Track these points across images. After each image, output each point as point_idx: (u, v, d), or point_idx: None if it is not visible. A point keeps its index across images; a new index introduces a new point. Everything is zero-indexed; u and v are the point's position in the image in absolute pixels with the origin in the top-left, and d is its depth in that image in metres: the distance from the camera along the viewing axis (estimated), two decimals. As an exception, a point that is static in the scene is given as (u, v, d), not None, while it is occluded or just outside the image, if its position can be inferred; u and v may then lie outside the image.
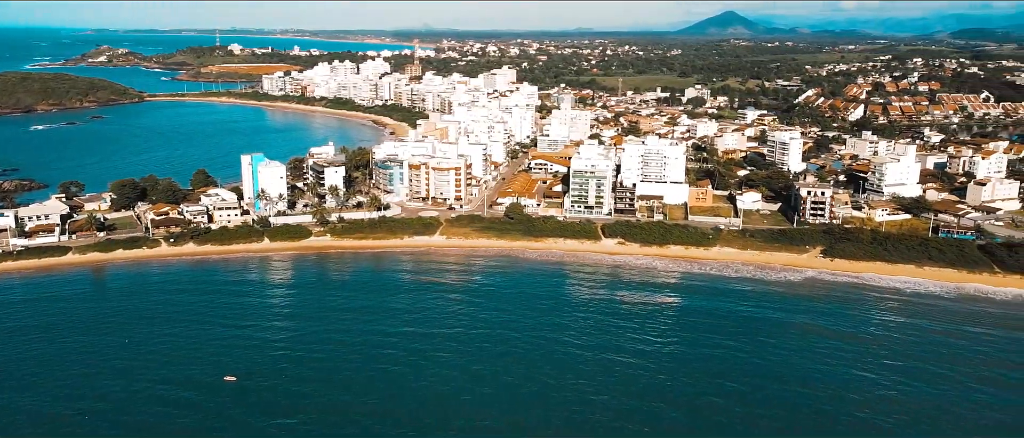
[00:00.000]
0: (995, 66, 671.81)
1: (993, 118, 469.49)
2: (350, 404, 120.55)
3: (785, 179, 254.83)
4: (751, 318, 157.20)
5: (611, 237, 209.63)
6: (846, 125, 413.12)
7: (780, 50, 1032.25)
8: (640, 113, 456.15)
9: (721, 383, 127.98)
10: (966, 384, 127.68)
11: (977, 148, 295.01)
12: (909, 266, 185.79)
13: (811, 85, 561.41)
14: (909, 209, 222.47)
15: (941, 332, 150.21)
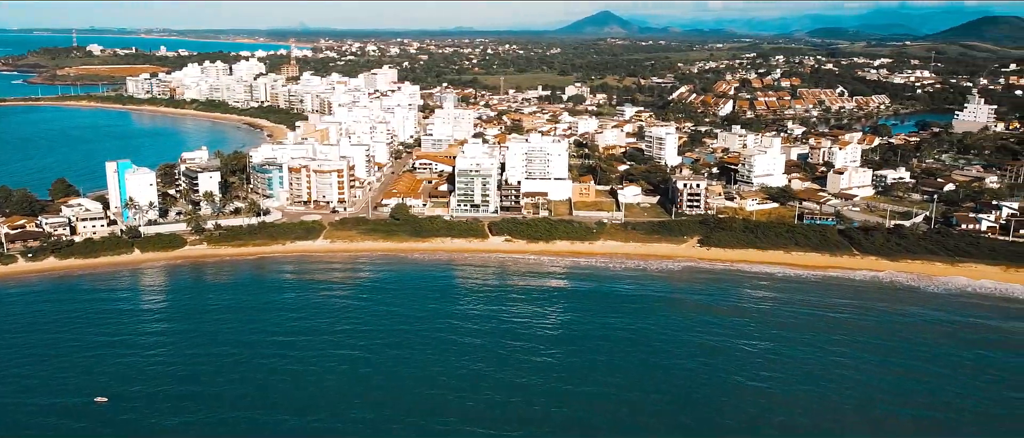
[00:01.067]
0: (848, 63, 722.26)
1: (848, 111, 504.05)
2: (238, 420, 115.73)
3: (663, 173, 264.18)
4: (637, 307, 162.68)
5: (498, 235, 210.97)
6: (717, 120, 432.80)
7: (654, 49, 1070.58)
8: (523, 111, 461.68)
9: (611, 360, 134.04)
10: (827, 348, 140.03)
11: (835, 139, 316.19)
12: (778, 252, 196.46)
13: (684, 82, 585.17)
14: (776, 198, 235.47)
15: (807, 308, 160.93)
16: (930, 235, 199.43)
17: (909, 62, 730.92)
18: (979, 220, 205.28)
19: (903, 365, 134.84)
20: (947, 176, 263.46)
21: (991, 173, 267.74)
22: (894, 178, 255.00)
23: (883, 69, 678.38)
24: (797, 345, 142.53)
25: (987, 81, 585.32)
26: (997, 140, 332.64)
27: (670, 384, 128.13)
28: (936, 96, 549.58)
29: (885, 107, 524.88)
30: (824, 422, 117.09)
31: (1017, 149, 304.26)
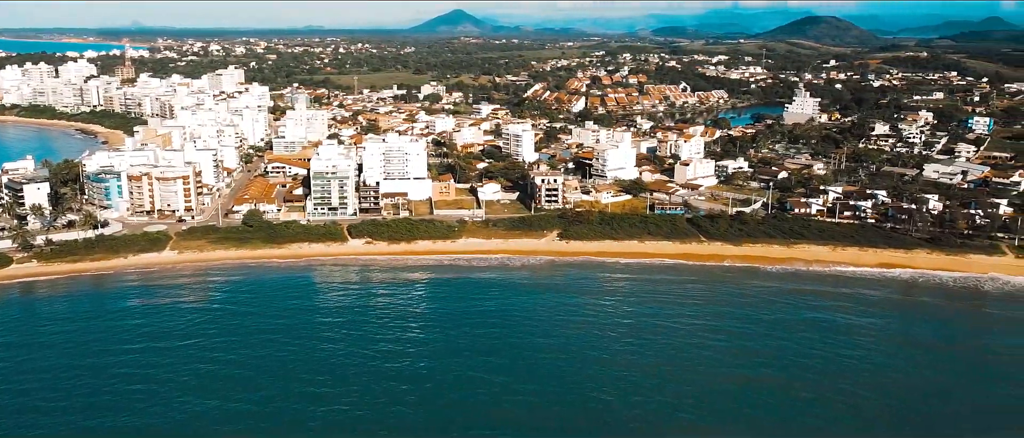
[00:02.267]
0: (689, 60, 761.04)
1: (691, 106, 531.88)
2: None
3: (521, 169, 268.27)
4: (501, 299, 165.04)
5: (358, 237, 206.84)
6: (571, 116, 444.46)
7: (507, 47, 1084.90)
8: (378, 111, 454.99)
9: (486, 360, 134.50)
10: (680, 324, 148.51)
11: (680, 133, 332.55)
12: (633, 242, 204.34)
13: (537, 80, 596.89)
14: (629, 190, 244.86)
15: (660, 290, 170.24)
16: (768, 220, 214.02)
17: (743, 59, 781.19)
18: (809, 204, 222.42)
19: (749, 331, 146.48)
20: (780, 165, 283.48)
21: (818, 161, 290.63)
22: (734, 168, 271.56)
23: (721, 66, 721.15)
24: (652, 322, 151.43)
25: (811, 76, 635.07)
26: (822, 130, 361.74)
27: (537, 367, 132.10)
28: (768, 90, 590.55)
29: (724, 101, 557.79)
30: (680, 387, 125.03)
31: (839, 138, 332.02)
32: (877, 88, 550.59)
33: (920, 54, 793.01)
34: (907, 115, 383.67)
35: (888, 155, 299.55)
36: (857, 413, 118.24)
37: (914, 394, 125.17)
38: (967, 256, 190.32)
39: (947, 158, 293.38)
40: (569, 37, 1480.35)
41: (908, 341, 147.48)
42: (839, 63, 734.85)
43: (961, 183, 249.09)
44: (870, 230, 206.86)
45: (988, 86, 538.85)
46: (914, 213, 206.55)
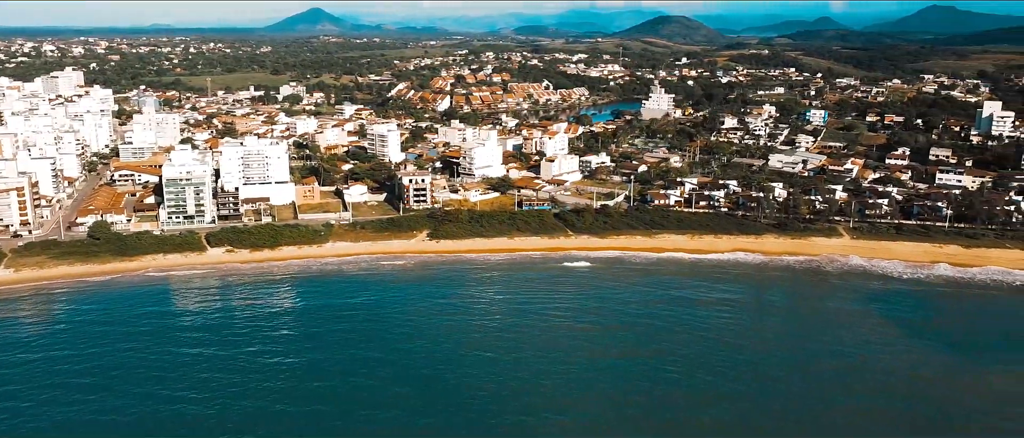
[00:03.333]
0: (550, 58, 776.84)
1: (554, 103, 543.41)
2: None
3: (388, 170, 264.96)
4: (373, 302, 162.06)
5: (218, 245, 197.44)
6: (437, 115, 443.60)
7: (369, 46, 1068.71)
8: (235, 113, 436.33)
9: (362, 366, 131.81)
10: (553, 310, 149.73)
11: (545, 130, 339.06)
12: (502, 238, 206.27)
13: (401, 79, 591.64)
14: (497, 188, 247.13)
15: (531, 284, 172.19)
16: (631, 212, 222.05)
17: (602, 57, 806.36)
18: (668, 196, 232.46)
19: (617, 313, 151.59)
20: (640, 159, 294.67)
21: (674, 154, 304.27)
22: (598, 163, 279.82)
23: (581, 64, 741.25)
24: (525, 311, 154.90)
25: (665, 73, 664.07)
26: (677, 125, 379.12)
27: (411, 363, 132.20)
28: (626, 87, 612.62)
29: (585, 98, 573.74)
30: (550, 366, 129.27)
31: (693, 132, 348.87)
32: (725, 84, 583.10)
33: (762, 52, 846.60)
34: (753, 109, 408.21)
35: (737, 147, 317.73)
36: (721, 372, 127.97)
37: (771, 351, 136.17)
38: (809, 238, 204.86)
39: (789, 148, 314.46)
40: (432, 36, 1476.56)
41: (762, 308, 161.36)
42: (690, 61, 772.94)
43: (802, 171, 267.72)
44: (724, 218, 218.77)
45: (822, 81, 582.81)
46: (762, 201, 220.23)
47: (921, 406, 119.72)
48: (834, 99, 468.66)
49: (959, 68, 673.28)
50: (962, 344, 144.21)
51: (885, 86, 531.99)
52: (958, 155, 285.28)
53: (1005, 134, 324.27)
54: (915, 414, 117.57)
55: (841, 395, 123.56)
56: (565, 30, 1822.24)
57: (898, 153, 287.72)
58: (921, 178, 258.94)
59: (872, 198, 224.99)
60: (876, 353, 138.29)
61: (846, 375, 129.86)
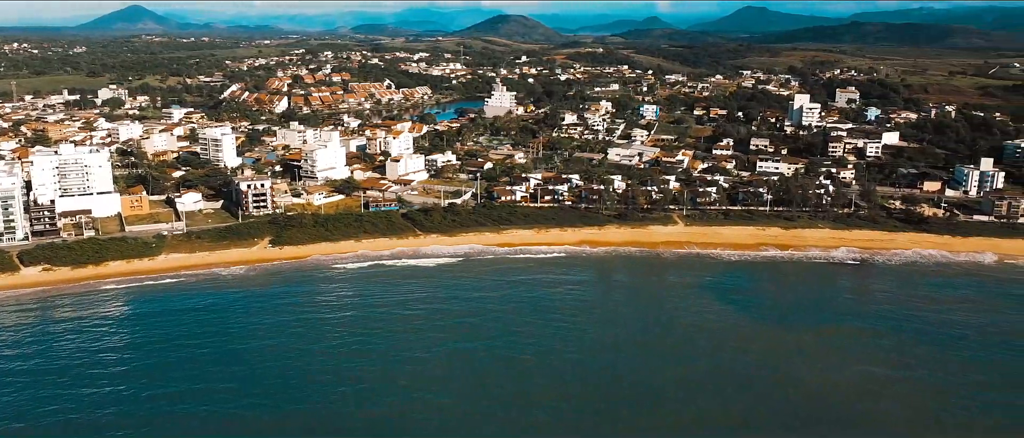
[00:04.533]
0: (392, 57, 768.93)
1: (397, 103, 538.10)
2: None
3: (224, 175, 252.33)
4: (214, 314, 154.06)
5: (33, 265, 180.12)
6: (274, 117, 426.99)
7: (197, 46, 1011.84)
8: (47, 119, 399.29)
9: (197, 369, 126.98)
10: (404, 310, 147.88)
11: (388, 130, 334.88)
12: (350, 241, 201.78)
13: (234, 80, 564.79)
14: (342, 190, 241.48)
15: (381, 286, 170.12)
16: (478, 209, 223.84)
17: (444, 55, 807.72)
18: (514, 192, 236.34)
19: (467, 310, 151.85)
20: (485, 156, 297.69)
21: (519, 150, 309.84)
22: (444, 161, 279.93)
23: (422, 63, 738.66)
24: (376, 313, 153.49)
25: (507, 71, 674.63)
26: (520, 122, 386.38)
27: (261, 372, 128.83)
28: (469, 85, 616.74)
29: (428, 97, 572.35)
30: (402, 366, 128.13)
31: (535, 129, 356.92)
32: (564, 81, 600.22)
33: (597, 50, 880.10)
34: (591, 105, 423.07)
35: (578, 142, 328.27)
36: (571, 352, 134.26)
37: (615, 331, 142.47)
38: (648, 227, 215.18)
39: (626, 142, 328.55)
40: (265, 35, 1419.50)
41: (607, 292, 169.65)
42: (530, 59, 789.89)
43: (639, 164, 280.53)
44: (568, 211, 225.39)
45: (653, 77, 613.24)
46: (603, 193, 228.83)
47: (750, 370, 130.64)
48: (665, 94, 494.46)
49: (772, 64, 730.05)
50: (781, 313, 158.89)
51: (709, 82, 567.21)
52: (775, 144, 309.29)
53: (813, 124, 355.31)
54: (742, 375, 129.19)
55: (675, 365, 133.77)
56: (405, 29, 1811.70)
57: (723, 144, 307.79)
58: (744, 167, 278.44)
59: (702, 187, 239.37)
60: (709, 326, 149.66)
61: (682, 347, 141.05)
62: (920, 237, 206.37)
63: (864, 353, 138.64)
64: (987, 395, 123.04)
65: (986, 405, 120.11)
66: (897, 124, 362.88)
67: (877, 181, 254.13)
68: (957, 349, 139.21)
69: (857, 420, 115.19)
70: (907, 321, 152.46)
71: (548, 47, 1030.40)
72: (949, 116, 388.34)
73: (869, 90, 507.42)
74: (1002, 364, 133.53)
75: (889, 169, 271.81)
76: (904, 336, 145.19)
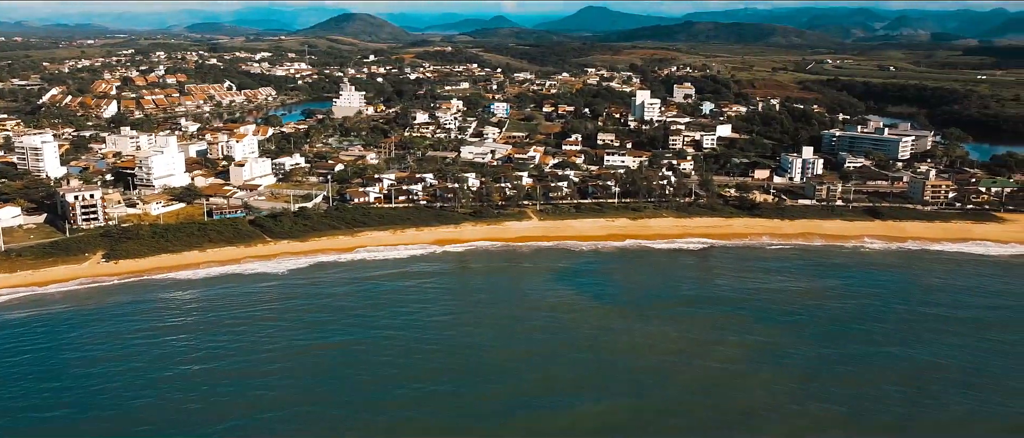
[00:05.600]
0: (231, 58, 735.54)
1: (239, 105, 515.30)
2: None
3: (47, 187, 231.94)
4: (42, 343, 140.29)
5: None
6: (103, 122, 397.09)
7: (9, 46, 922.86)
8: None
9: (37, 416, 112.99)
10: (254, 319, 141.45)
11: (231, 133, 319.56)
12: (193, 252, 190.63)
13: (54, 83, 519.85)
14: (182, 198, 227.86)
15: (229, 297, 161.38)
16: (331, 212, 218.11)
17: (287, 55, 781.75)
18: (367, 193, 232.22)
19: (323, 320, 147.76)
20: (336, 157, 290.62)
21: (370, 151, 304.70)
22: (292, 165, 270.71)
23: (265, 63, 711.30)
24: (224, 327, 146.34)
25: (354, 71, 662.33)
26: (370, 122, 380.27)
27: (100, 402, 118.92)
28: (315, 86, 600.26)
29: (273, 98, 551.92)
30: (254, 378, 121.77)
31: (387, 128, 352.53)
32: (414, 80, 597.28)
33: (446, 49, 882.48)
34: (442, 104, 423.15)
35: (431, 141, 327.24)
36: (431, 350, 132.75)
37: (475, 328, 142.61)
38: (503, 223, 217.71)
39: (478, 140, 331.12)
40: (88, 34, 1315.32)
41: (468, 282, 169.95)
42: (378, 58, 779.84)
43: (491, 161, 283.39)
44: (424, 211, 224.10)
45: (502, 76, 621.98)
46: (458, 191, 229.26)
47: (602, 354, 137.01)
48: (514, 92, 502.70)
49: (615, 62, 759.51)
50: (630, 299, 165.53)
51: (557, 79, 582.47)
52: (620, 139, 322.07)
53: (655, 119, 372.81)
54: (594, 359, 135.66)
55: (539, 354, 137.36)
56: (245, 28, 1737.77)
57: (572, 140, 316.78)
58: (593, 161, 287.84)
59: (554, 182, 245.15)
60: (565, 314, 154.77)
61: (544, 334, 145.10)
62: (754, 222, 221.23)
63: (706, 327, 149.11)
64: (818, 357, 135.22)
65: (815, 362, 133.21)
66: (729, 117, 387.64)
67: (714, 171, 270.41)
68: (794, 323, 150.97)
69: (695, 380, 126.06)
70: (743, 298, 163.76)
71: (396, 46, 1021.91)
72: (774, 109, 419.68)
73: (703, 86, 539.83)
74: (835, 335, 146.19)
75: (724, 159, 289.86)
76: (742, 312, 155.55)
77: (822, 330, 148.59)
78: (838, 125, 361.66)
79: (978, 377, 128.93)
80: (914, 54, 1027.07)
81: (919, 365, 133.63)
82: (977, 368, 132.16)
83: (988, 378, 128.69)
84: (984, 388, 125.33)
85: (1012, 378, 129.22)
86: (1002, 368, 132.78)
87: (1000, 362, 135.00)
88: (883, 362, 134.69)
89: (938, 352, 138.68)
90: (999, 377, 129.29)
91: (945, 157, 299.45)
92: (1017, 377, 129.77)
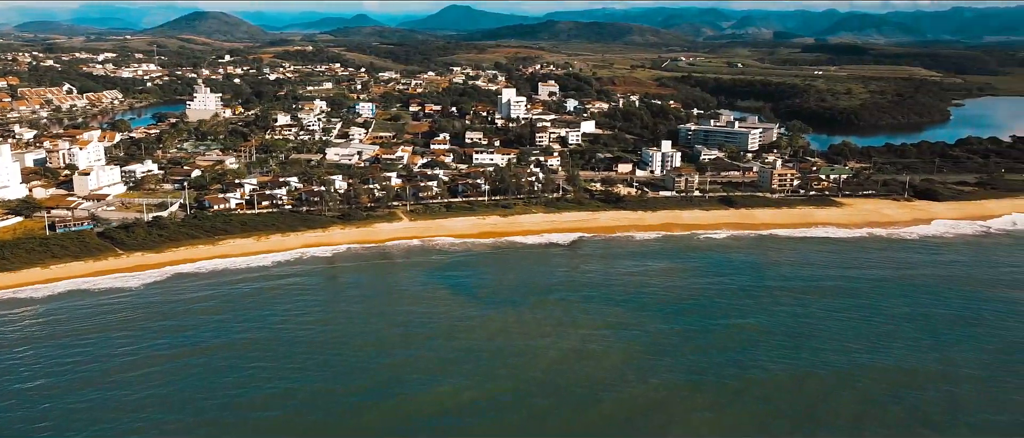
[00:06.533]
0: (70, 59, 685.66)
1: (81, 109, 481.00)
2: None
3: None
4: None
5: None
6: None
7: None
8: None
9: None
10: (109, 342, 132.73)
11: (73, 140, 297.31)
12: (35, 269, 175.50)
13: None
14: (19, 211, 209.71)
15: (77, 318, 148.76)
16: (189, 221, 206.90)
17: (134, 56, 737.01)
18: (228, 199, 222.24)
19: (185, 326, 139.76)
20: (192, 163, 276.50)
21: (229, 155, 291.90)
22: (144, 172, 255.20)
23: (110, 64, 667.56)
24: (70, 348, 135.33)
25: (209, 72, 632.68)
26: (228, 125, 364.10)
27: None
28: (167, 88, 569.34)
29: (119, 102, 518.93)
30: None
31: (246, 131, 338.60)
32: (274, 81, 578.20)
33: (307, 48, 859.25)
34: (304, 105, 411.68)
35: (294, 143, 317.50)
36: (294, 357, 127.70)
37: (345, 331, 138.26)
38: (373, 225, 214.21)
39: (344, 141, 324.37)
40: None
41: (337, 285, 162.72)
42: (234, 58, 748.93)
43: (359, 163, 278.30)
44: (289, 215, 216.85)
45: (366, 75, 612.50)
46: (324, 194, 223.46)
47: (461, 352, 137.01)
48: (379, 92, 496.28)
49: (480, 60, 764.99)
50: (499, 292, 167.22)
51: (422, 78, 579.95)
52: (488, 137, 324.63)
53: (521, 116, 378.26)
54: (463, 345, 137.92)
55: (408, 345, 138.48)
56: (85, 26, 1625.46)
57: (440, 139, 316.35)
58: (462, 160, 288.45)
59: (423, 181, 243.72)
60: (435, 312, 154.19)
61: (415, 329, 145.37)
62: (620, 214, 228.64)
63: (571, 312, 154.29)
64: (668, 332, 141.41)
65: (664, 337, 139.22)
66: (593, 114, 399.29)
67: (580, 166, 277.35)
68: (651, 304, 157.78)
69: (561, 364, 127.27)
70: (607, 285, 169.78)
71: (254, 46, 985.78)
72: (634, 105, 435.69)
73: (566, 83, 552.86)
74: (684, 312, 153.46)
75: (589, 155, 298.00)
76: (605, 297, 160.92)
77: (674, 309, 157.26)
78: (693, 120, 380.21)
79: (800, 338, 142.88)
80: (759, 51, 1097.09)
81: (750, 331, 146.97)
82: (800, 330, 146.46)
83: (807, 337, 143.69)
84: (803, 347, 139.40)
85: (826, 335, 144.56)
86: (820, 328, 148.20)
87: (820, 324, 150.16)
88: (723, 332, 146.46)
89: (770, 320, 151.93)
90: (814, 336, 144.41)
91: (790, 148, 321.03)
92: (829, 334, 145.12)
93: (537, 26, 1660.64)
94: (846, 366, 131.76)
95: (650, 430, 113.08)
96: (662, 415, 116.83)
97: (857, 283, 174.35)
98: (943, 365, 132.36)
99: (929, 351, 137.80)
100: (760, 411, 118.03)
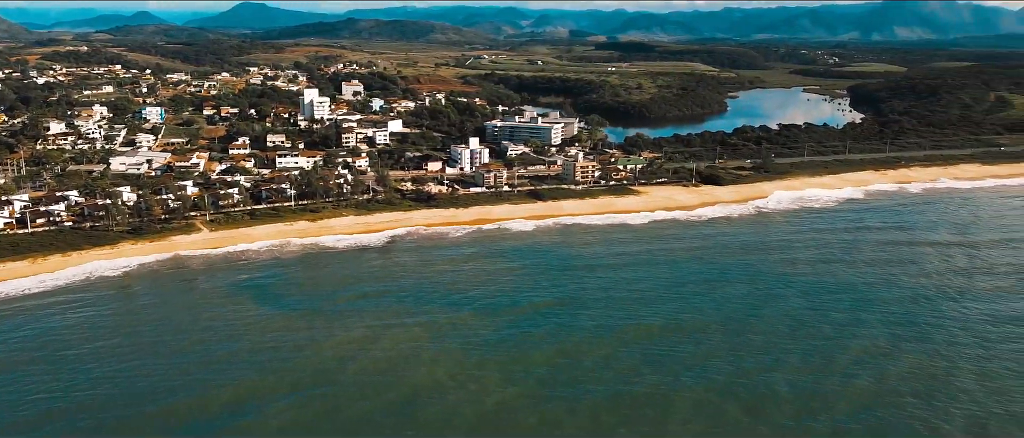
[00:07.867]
0: None
1: None
2: None
3: None
4: None
5: None
6: None
7: None
8: None
9: None
10: None
11: None
12: None
13: None
14: None
15: None
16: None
17: None
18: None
19: None
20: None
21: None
22: None
23: None
24: None
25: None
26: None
27: None
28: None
29: None
30: None
31: (13, 142, 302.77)
32: (43, 85, 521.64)
33: (81, 48, 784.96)
34: (81, 111, 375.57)
35: (72, 153, 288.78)
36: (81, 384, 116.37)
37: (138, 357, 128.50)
38: (169, 237, 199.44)
39: (131, 149, 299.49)
40: None
41: (132, 306, 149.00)
42: None
43: (149, 172, 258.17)
44: (70, 233, 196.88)
45: (153, 77, 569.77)
46: (110, 208, 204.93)
47: (282, 354, 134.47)
48: (169, 95, 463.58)
49: (279, 60, 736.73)
50: (311, 300, 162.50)
51: (216, 80, 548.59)
52: (292, 139, 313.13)
53: (325, 117, 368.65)
54: (275, 358, 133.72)
55: (214, 366, 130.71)
56: None
57: (239, 143, 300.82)
58: (264, 164, 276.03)
59: (223, 189, 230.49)
60: (237, 325, 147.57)
61: (219, 346, 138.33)
62: (432, 213, 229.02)
63: (386, 315, 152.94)
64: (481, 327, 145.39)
65: (479, 331, 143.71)
66: (399, 113, 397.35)
67: (389, 166, 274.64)
68: (464, 300, 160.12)
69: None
70: (422, 284, 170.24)
71: (16, 46, 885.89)
72: (440, 103, 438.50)
73: (371, 82, 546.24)
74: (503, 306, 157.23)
75: (398, 154, 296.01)
76: (421, 297, 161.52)
77: (489, 303, 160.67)
78: (499, 116, 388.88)
79: (577, 306, 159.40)
80: (557, 49, 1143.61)
81: (544, 307, 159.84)
82: (601, 299, 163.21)
83: (610, 306, 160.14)
84: (609, 313, 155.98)
85: (603, 304, 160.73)
86: (619, 297, 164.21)
87: (618, 293, 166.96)
88: (537, 317, 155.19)
89: (572, 291, 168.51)
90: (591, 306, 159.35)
91: (590, 141, 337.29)
92: (626, 301, 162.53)
93: (338, 24, 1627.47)
94: (616, 326, 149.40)
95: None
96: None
97: (650, 259, 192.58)
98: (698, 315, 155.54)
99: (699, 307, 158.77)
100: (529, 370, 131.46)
